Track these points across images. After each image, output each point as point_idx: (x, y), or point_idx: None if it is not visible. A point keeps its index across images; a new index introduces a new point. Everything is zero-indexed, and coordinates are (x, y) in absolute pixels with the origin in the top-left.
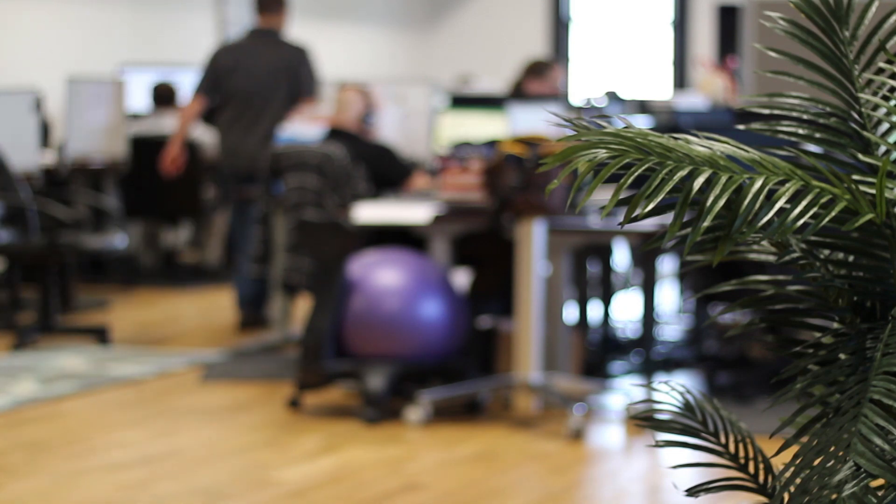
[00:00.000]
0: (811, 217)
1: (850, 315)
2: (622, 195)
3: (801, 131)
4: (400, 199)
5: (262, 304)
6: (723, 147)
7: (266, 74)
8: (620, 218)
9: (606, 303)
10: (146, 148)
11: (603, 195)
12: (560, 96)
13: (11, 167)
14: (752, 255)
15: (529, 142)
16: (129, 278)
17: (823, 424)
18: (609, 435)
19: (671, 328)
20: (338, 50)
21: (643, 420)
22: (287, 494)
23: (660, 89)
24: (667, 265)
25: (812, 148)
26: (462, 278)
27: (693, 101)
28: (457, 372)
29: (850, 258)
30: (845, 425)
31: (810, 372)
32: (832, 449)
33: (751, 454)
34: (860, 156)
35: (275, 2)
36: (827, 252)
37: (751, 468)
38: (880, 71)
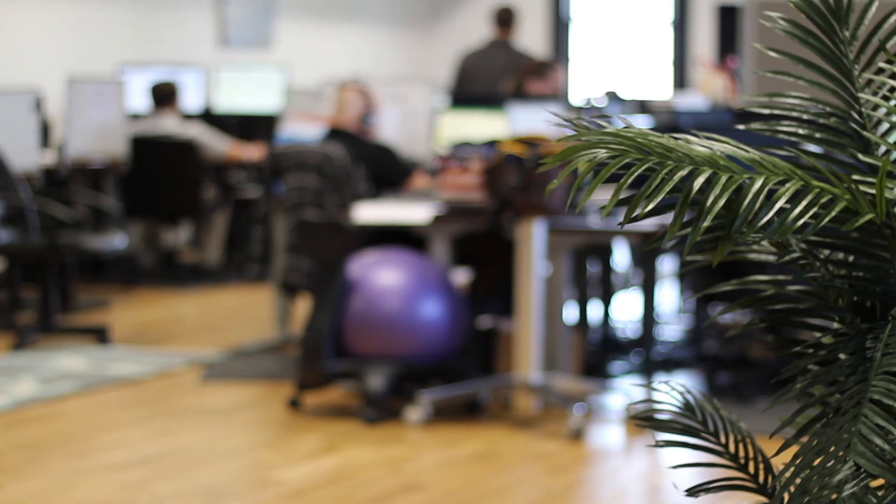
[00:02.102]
0: (811, 217)
1: (850, 315)
2: (622, 195)
3: (801, 131)
4: (400, 199)
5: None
6: (723, 147)
7: (498, 77)
8: (620, 218)
9: (606, 303)
10: (146, 148)
11: (603, 195)
12: (560, 96)
13: (11, 167)
14: (752, 255)
15: (529, 142)
16: (129, 278)
17: (823, 424)
18: (609, 435)
19: (671, 328)
20: (338, 50)
21: (643, 420)
22: (287, 494)
23: (660, 89)
24: (667, 265)
25: (812, 148)
26: (462, 278)
27: (693, 101)
28: (457, 372)
29: (850, 258)
30: (845, 425)
31: (810, 372)
32: (832, 449)
33: (751, 454)
34: (860, 156)
35: (508, 19)
36: (827, 252)
37: (751, 468)
38: (880, 71)
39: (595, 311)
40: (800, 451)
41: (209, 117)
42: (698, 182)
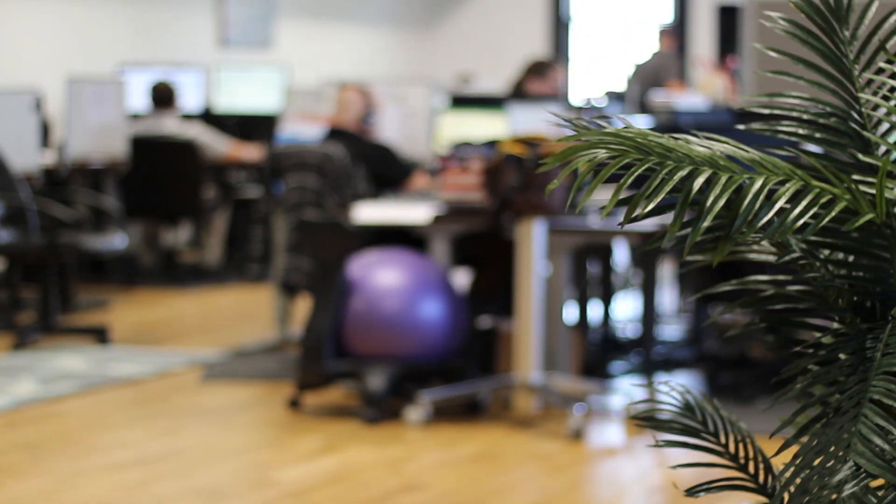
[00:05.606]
0: (811, 217)
1: (850, 315)
2: (622, 195)
3: (801, 131)
4: (400, 199)
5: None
6: (723, 147)
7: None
8: (620, 218)
9: (606, 303)
10: (146, 148)
11: (603, 195)
12: (560, 96)
13: (11, 167)
14: (752, 255)
15: (529, 142)
16: (129, 278)
17: (823, 424)
18: (609, 435)
19: (671, 328)
20: (338, 50)
21: (643, 420)
22: (287, 494)
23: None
24: (667, 265)
25: (812, 148)
26: (462, 278)
27: (693, 101)
28: (457, 372)
29: (850, 258)
30: (845, 425)
31: (810, 372)
32: (832, 449)
33: (751, 454)
34: (860, 156)
35: (666, 34)
36: (827, 252)
37: (751, 468)
38: (880, 71)
39: (595, 311)
40: (800, 451)
41: (209, 117)
42: (698, 182)
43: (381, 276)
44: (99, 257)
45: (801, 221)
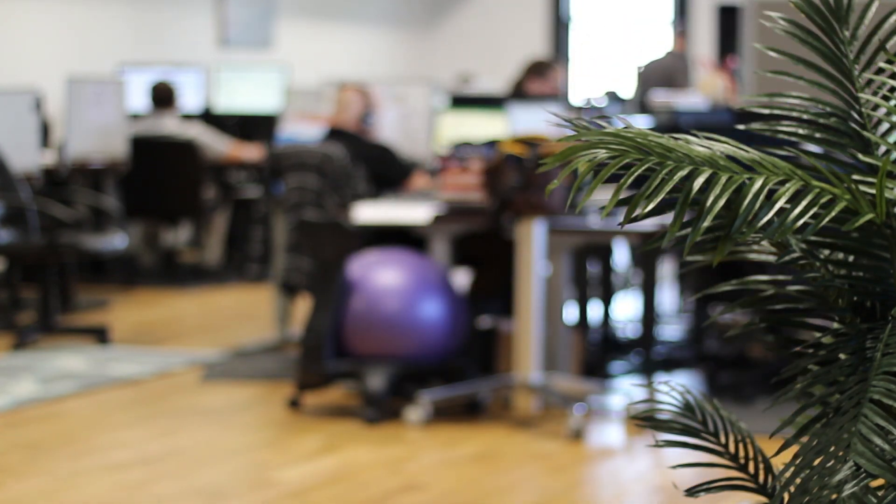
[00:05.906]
0: (811, 217)
1: (850, 315)
2: (622, 195)
3: (801, 131)
4: (400, 199)
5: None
6: (723, 147)
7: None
8: (620, 218)
9: (606, 303)
10: (146, 148)
11: (603, 195)
12: (560, 96)
13: (11, 167)
14: (752, 255)
15: (529, 142)
16: (129, 278)
17: (823, 424)
18: (609, 435)
19: (671, 328)
20: (338, 50)
21: (643, 420)
22: (287, 494)
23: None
24: (667, 265)
25: (812, 148)
26: (462, 278)
27: (693, 101)
28: (457, 372)
29: (850, 258)
30: (845, 425)
31: (810, 372)
32: (832, 449)
33: (751, 454)
34: (860, 156)
35: (679, 32)
36: (827, 252)
37: (751, 468)
38: (880, 71)
39: (595, 311)
40: (800, 451)
41: (209, 117)
42: (698, 182)
43: (381, 276)
44: (99, 257)
45: (801, 221)
